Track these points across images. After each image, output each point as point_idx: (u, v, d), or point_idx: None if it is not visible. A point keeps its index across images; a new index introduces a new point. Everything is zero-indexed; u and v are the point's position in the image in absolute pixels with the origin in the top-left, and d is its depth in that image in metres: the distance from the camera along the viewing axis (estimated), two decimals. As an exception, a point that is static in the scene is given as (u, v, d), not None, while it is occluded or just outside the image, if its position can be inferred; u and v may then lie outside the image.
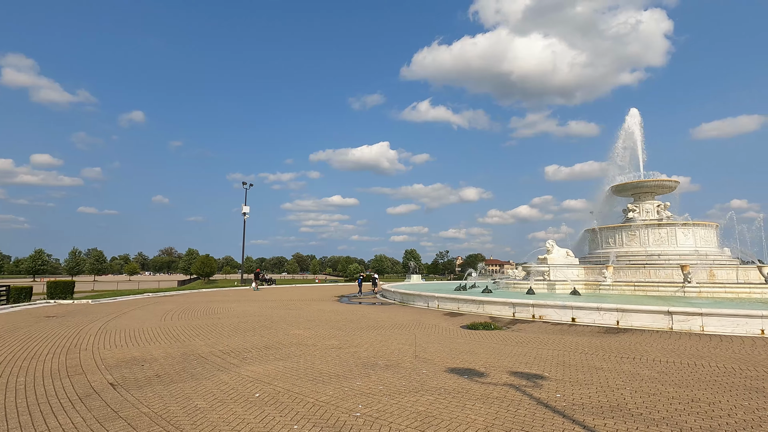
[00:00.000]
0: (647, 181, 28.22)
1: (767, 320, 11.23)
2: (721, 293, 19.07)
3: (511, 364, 7.98)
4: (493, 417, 5.09)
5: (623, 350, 9.32)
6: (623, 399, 5.83)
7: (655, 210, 27.95)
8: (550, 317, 14.35)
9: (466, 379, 6.83)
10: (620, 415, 5.19)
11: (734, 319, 11.56)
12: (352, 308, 19.57)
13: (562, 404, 5.59)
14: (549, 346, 9.78)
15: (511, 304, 15.56)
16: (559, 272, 23.83)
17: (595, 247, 28.51)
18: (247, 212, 49.36)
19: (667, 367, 7.79)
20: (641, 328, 12.34)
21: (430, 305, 19.02)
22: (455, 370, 7.50)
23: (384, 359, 8.38)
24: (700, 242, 25.22)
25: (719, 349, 9.40)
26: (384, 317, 15.64)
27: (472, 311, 16.68)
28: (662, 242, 25.41)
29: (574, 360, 8.33)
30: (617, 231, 27.07)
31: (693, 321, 11.96)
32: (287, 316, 15.84)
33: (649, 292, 20.34)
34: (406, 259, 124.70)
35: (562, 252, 25.58)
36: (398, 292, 23.02)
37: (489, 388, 6.35)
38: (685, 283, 19.45)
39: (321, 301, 23.65)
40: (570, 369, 7.58)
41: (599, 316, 13.41)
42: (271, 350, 9.32)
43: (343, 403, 5.66)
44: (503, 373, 7.28)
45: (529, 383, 6.60)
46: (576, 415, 5.17)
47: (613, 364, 7.96)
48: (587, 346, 9.87)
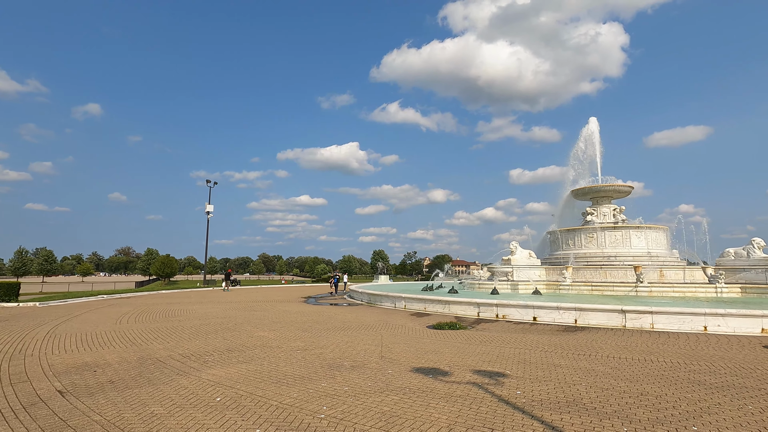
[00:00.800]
0: (604, 186, 29.60)
1: (709, 318, 12.03)
2: (670, 292, 20.27)
3: (475, 362, 8.16)
4: (456, 415, 5.18)
5: (580, 347, 9.73)
6: (579, 394, 6.08)
7: (611, 213, 29.36)
8: (512, 316, 14.76)
9: (431, 379, 6.92)
10: (576, 409, 5.42)
11: (680, 317, 12.31)
12: (319, 309, 19.39)
13: (522, 401, 5.77)
14: (511, 345, 10.07)
15: (476, 304, 15.89)
16: (522, 273, 24.56)
17: (555, 248, 29.59)
18: (210, 211, 47.93)
19: (620, 363, 8.19)
20: (597, 326, 12.92)
21: (397, 306, 19.13)
22: (420, 369, 7.58)
23: (350, 360, 8.35)
24: (652, 244, 26.71)
25: (667, 345, 9.99)
26: (351, 318, 15.59)
27: (438, 311, 16.91)
28: (618, 244, 26.71)
29: (535, 358, 8.61)
30: (576, 233, 28.22)
31: (644, 319, 12.64)
32: (252, 318, 15.49)
33: (606, 292, 21.33)
34: (375, 260, 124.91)
35: (525, 253, 26.39)
36: (366, 293, 23.02)
37: (453, 386, 6.46)
38: (638, 283, 20.53)
39: (287, 302, 23.29)
40: (530, 366, 7.83)
41: (559, 315, 13.93)
42: (233, 353, 9.09)
43: (307, 405, 5.60)
44: (467, 371, 7.42)
45: (492, 381, 6.77)
46: (535, 411, 5.35)
47: (571, 361, 8.29)
48: (547, 344, 10.23)
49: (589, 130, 33.53)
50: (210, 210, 47.86)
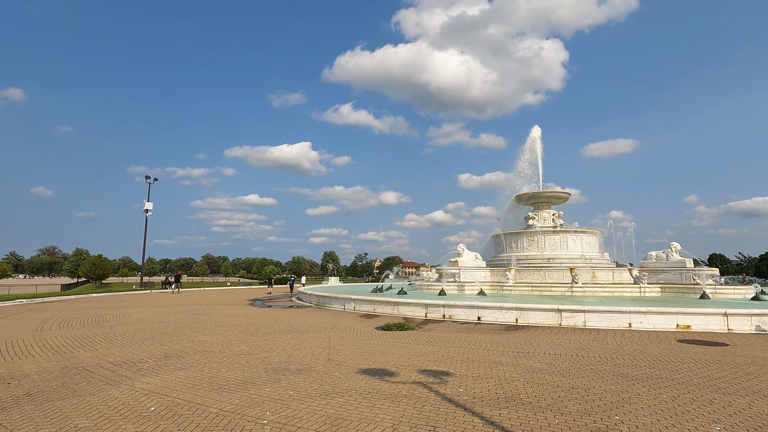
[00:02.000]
0: (545, 192, 31.36)
1: (633, 315, 13.12)
2: (601, 292, 21.84)
3: (421, 362, 8.32)
4: (401, 415, 5.26)
5: (520, 345, 10.23)
6: (517, 390, 6.39)
7: (551, 218, 31.15)
8: (458, 317, 15.22)
9: (377, 380, 6.97)
10: (513, 405, 5.69)
11: (609, 315, 13.31)
12: (265, 312, 18.86)
13: (464, 398, 5.96)
14: (456, 344, 10.37)
15: (424, 305, 16.21)
16: (468, 274, 25.38)
17: (500, 251, 30.89)
18: (149, 209, 45.10)
19: (555, 359, 8.71)
20: (536, 325, 13.65)
21: (347, 307, 19.06)
22: (367, 371, 7.61)
23: (296, 363, 8.20)
24: (586, 248, 28.64)
25: (597, 342, 10.76)
26: (299, 320, 15.32)
27: (387, 312, 17.06)
28: (556, 247, 28.38)
29: (478, 356, 8.94)
30: (519, 236, 29.65)
31: (577, 317, 13.54)
32: (193, 322, 14.76)
33: (544, 292, 22.57)
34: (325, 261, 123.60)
35: (472, 255, 27.31)
36: (315, 295, 22.72)
37: (398, 386, 6.54)
38: (573, 284, 21.92)
39: (232, 305, 22.44)
40: (473, 365, 8.12)
41: (501, 314, 14.55)
42: (171, 359, 8.61)
43: (249, 411, 5.43)
44: (413, 371, 7.55)
45: (436, 380, 6.94)
46: (476, 408, 5.55)
47: (511, 359, 8.69)
48: (490, 342, 10.65)
49: (532, 138, 35.40)
50: (149, 208, 45.03)
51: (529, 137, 35.69)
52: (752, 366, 8.12)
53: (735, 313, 12.74)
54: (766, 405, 5.75)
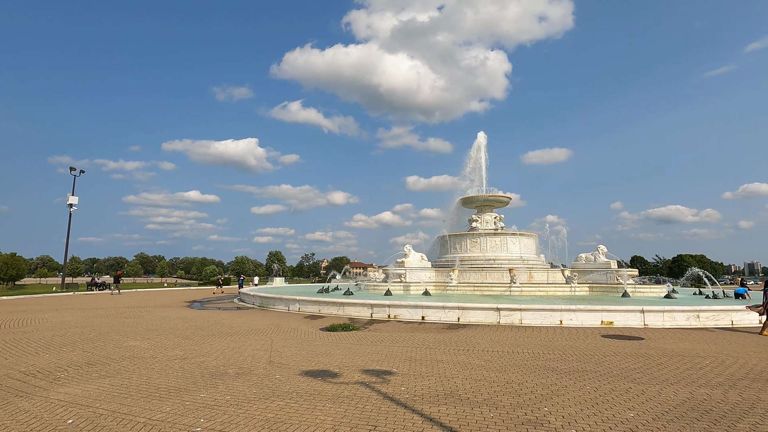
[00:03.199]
0: (488, 195, 32.74)
1: (564, 313, 14.04)
2: (537, 292, 23.16)
3: (364, 362, 8.34)
4: (342, 416, 5.24)
5: (461, 343, 10.58)
6: (456, 386, 6.60)
7: (493, 221, 32.55)
8: (403, 316, 15.45)
9: (320, 381, 6.89)
10: (452, 401, 5.87)
11: (543, 313, 14.15)
12: (204, 314, 17.98)
13: (405, 396, 6.06)
14: (400, 344, 10.52)
15: (370, 305, 16.28)
16: (414, 275, 25.85)
17: (445, 252, 31.78)
18: (74, 203, 41.36)
19: (492, 355, 9.11)
20: (477, 323, 14.19)
21: (291, 308, 18.68)
22: (310, 372, 7.50)
23: (235, 367, 7.90)
24: (524, 249, 30.26)
25: (531, 338, 11.39)
26: (240, 322, 14.77)
27: (332, 313, 16.93)
28: (497, 249, 29.71)
29: (420, 355, 9.12)
30: (463, 238, 30.69)
31: (514, 315, 14.25)
32: (122, 326, 13.73)
33: (486, 292, 23.54)
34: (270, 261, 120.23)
35: (418, 256, 27.85)
36: (258, 296, 22.03)
37: (341, 387, 6.51)
38: (512, 283, 23.07)
39: (167, 307, 21.16)
40: (415, 363, 8.27)
41: (444, 314, 14.97)
42: (95, 367, 7.95)
43: (182, 419, 5.15)
44: (356, 371, 7.55)
45: (379, 379, 6.99)
46: (416, 405, 5.66)
47: (452, 356, 8.96)
48: (432, 341, 10.91)
49: (477, 144, 36.80)
50: (73, 202, 41.27)
51: (475, 143, 37.10)
52: (662, 357, 9.00)
53: (650, 310, 14.05)
54: (672, 392, 6.40)
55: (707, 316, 14.28)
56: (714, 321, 14.25)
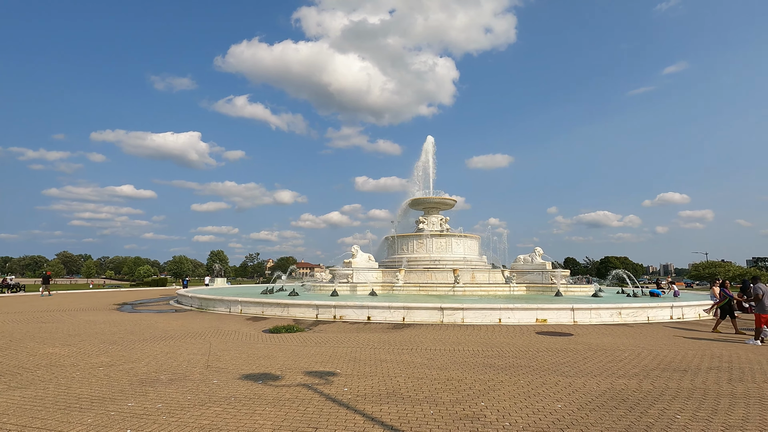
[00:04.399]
0: (434, 198, 33.56)
1: (503, 312, 14.73)
2: (479, 291, 24.09)
3: (308, 364, 8.22)
4: (282, 419, 5.12)
5: (405, 343, 10.75)
6: (398, 385, 6.70)
7: (439, 223, 33.40)
8: (349, 317, 15.41)
9: (261, 385, 6.69)
10: (394, 399, 5.95)
11: (483, 311, 14.75)
12: (135, 317, 16.80)
13: (348, 397, 6.05)
14: (345, 344, 10.49)
15: (315, 306, 16.07)
16: (361, 275, 25.88)
17: (392, 252, 32.15)
18: (-16, 196, 36.91)
19: (435, 354, 9.34)
20: (421, 323, 14.48)
21: (233, 310, 17.97)
22: (250, 376, 7.26)
23: (168, 373, 7.46)
24: (468, 251, 31.36)
25: (472, 336, 11.83)
26: (176, 326, 13.96)
27: (276, 315, 16.51)
28: (442, 250, 30.53)
29: (364, 355, 9.15)
30: (410, 239, 31.21)
31: (457, 315, 14.72)
32: (38, 332, 12.47)
33: (430, 292, 24.09)
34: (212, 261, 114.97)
35: (365, 256, 27.93)
36: (197, 297, 20.95)
37: (282, 390, 6.37)
38: (455, 284, 23.81)
39: (93, 311, 19.52)
40: (359, 363, 8.29)
41: (390, 314, 15.13)
42: (3, 377, 7.15)
43: (105, 431, 4.77)
44: (299, 374, 7.42)
45: (322, 381, 6.92)
46: (359, 405, 5.67)
47: (395, 356, 9.08)
48: (377, 341, 10.99)
49: (425, 147, 37.61)
50: (-17, 194, 36.85)
51: (423, 146, 37.87)
52: (588, 351, 9.72)
53: (579, 308, 15.12)
54: (595, 383, 6.93)
55: (627, 313, 15.63)
56: (633, 317, 15.63)
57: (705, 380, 7.22)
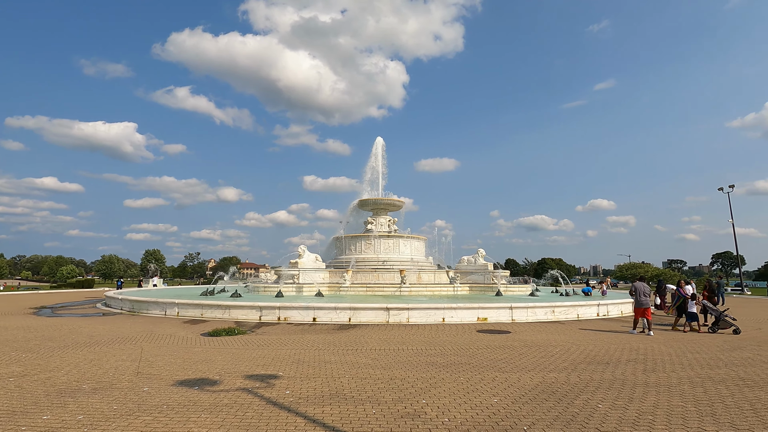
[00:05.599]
0: (382, 199, 33.84)
1: (446, 311, 15.16)
2: (425, 292, 24.59)
3: (249, 368, 7.96)
4: (218, 425, 4.92)
5: (350, 343, 10.73)
6: (342, 386, 6.68)
7: (387, 224, 33.70)
8: (294, 318, 15.12)
9: (197, 390, 6.38)
10: (337, 400, 5.92)
11: (428, 311, 15.08)
12: (56, 322, 15.34)
13: (290, 400, 5.94)
14: (288, 346, 10.27)
15: (258, 307, 15.60)
16: (307, 276, 25.48)
17: (340, 253, 31.97)
18: None
19: (380, 354, 9.42)
20: (368, 323, 14.53)
21: (168, 313, 16.97)
22: (186, 382, 6.90)
23: (92, 382, 6.89)
24: (415, 252, 31.93)
25: (416, 336, 12.05)
26: (103, 330, 12.94)
27: (217, 317, 15.82)
28: (390, 251, 30.83)
29: (309, 357, 9.02)
30: (358, 240, 31.22)
31: (402, 314, 14.93)
32: (-66, 340, 11.01)
33: (377, 292, 24.23)
34: (146, 261, 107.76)
35: (312, 257, 27.53)
36: (128, 299, 19.54)
37: (220, 395, 6.11)
38: (402, 284, 24.14)
39: (5, 315, 17.57)
40: (303, 365, 8.16)
41: (336, 314, 15.04)
42: None
43: (14, 447, 4.32)
44: (238, 378, 7.16)
45: (263, 384, 6.73)
46: (300, 408, 5.58)
47: (340, 357, 9.04)
48: (322, 342, 10.88)
49: (375, 149, 37.81)
50: None
51: (373, 148, 38.04)
52: (524, 348, 10.27)
53: (517, 307, 15.93)
54: (528, 378, 7.34)
55: (560, 311, 16.70)
56: (565, 315, 16.73)
57: (624, 372, 7.89)
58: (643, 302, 13.27)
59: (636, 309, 13.48)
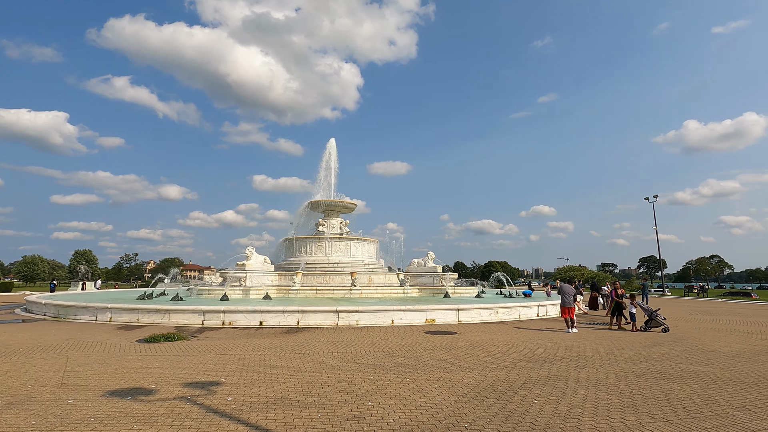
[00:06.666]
0: (335, 201, 33.62)
1: (395, 313, 15.34)
2: (375, 294, 24.70)
3: (188, 375, 7.59)
4: (153, 437, 4.66)
5: (298, 347, 10.56)
6: (287, 391, 6.56)
7: (338, 226, 33.51)
8: (240, 322, 14.61)
9: (129, 401, 5.99)
10: (282, 405, 5.81)
11: (377, 313, 15.18)
12: (-36, 330, 13.73)
13: (232, 407, 5.74)
14: (233, 351, 9.92)
15: (201, 311, 14.92)
16: (255, 278, 24.74)
17: (290, 255, 31.34)
18: None
19: (328, 357, 9.35)
20: (317, 326, 14.36)
21: (100, 318, 15.78)
22: (117, 392, 6.46)
23: (8, 395, 6.26)
24: (366, 254, 31.99)
25: (365, 338, 12.09)
26: (22, 339, 11.78)
27: (155, 322, 14.93)
28: (341, 253, 30.67)
29: (254, 362, 8.77)
30: (309, 242, 30.78)
31: (352, 317, 14.92)
32: None
33: (327, 295, 24.00)
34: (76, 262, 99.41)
35: (260, 259, 26.78)
36: (53, 304, 17.91)
37: (156, 405, 5.78)
38: (353, 286, 24.10)
39: None
40: (247, 371, 7.92)
41: (284, 318, 14.72)
42: None
43: None
44: (177, 386, 6.81)
45: (203, 392, 6.45)
46: (243, 415, 5.42)
47: (287, 361, 8.87)
48: (269, 346, 10.61)
49: (328, 150, 37.50)
50: None
51: (326, 149, 37.71)
52: (468, 348, 10.63)
53: (463, 308, 16.44)
54: (471, 377, 7.61)
55: (503, 312, 17.45)
56: (508, 316, 17.49)
57: (558, 368, 8.40)
58: (566, 302, 14.55)
59: (561, 307, 14.80)
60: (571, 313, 14.45)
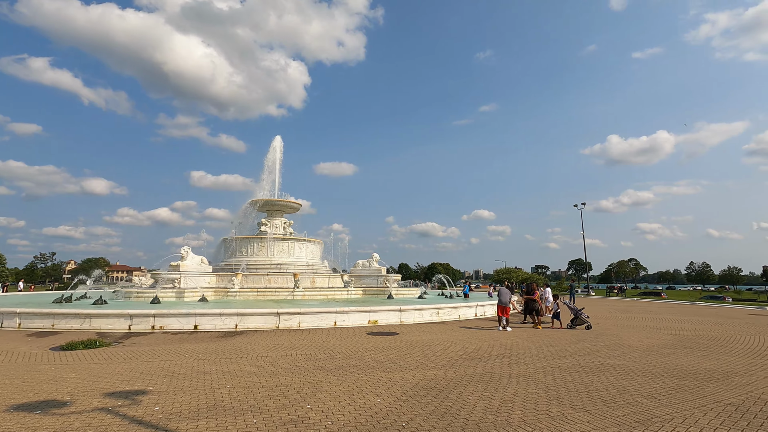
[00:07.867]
0: (278, 200, 32.81)
1: (338, 315, 15.24)
2: (318, 296, 24.38)
3: (110, 384, 7.02)
4: (65, 453, 4.26)
5: (235, 351, 10.15)
6: (221, 397, 6.28)
7: (282, 226, 32.69)
8: (172, 326, 13.76)
9: (38, 415, 5.42)
10: (214, 413, 5.55)
11: (319, 315, 15.00)
12: None
13: (159, 416, 5.39)
14: (162, 358, 9.32)
15: (128, 315, 13.86)
16: (191, 280, 23.45)
17: (230, 255, 30.05)
18: None
19: (266, 360, 9.08)
20: (256, 329, 13.89)
21: (6, 324, 14.12)
22: (25, 405, 5.82)
23: None
24: (310, 255, 31.49)
25: (306, 340, 11.89)
26: None
27: (74, 328, 13.63)
28: (284, 254, 29.94)
29: (185, 368, 8.30)
30: (250, 242, 29.73)
31: (294, 319, 14.61)
32: None
33: (269, 297, 23.31)
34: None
35: (197, 259, 25.44)
36: (-52, 310, 15.74)
37: (71, 418, 5.29)
38: (295, 288, 23.61)
39: None
40: (178, 378, 7.48)
41: (221, 321, 14.08)
42: None
43: None
44: (96, 397, 6.27)
45: (127, 402, 6.00)
46: (171, 424, 5.10)
47: (222, 366, 8.49)
48: (203, 351, 10.10)
49: (273, 148, 36.50)
50: None
51: (271, 147, 36.67)
52: (409, 348, 10.82)
53: (406, 309, 16.72)
54: (411, 376, 7.75)
55: (444, 312, 17.97)
56: (448, 316, 18.04)
57: (492, 366, 8.81)
58: (503, 301, 15.68)
59: (498, 306, 15.85)
60: (506, 313, 15.34)
